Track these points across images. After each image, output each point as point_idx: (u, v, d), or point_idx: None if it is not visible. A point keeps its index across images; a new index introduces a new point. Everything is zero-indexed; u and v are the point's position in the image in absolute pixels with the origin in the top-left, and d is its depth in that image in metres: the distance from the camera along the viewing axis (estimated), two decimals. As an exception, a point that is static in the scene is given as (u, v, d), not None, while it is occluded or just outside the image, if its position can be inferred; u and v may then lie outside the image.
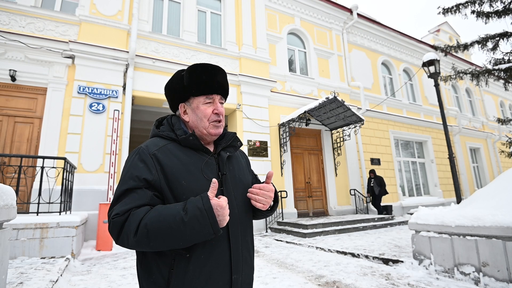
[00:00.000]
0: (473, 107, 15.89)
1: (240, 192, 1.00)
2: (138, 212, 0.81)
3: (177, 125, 1.02)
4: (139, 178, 0.86)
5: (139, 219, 0.80)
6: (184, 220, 0.79)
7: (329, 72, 10.29)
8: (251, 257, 1.02)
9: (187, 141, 0.95)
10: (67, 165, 4.73)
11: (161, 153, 0.91)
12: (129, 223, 0.80)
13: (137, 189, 0.86)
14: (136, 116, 8.49)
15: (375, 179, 9.00)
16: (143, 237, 0.79)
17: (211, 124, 0.99)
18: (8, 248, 1.71)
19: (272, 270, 3.92)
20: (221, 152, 1.01)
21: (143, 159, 0.90)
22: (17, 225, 3.85)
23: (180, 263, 0.85)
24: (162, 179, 0.88)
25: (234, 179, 1.00)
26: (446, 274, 3.34)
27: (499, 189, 3.44)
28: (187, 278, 0.85)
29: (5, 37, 5.72)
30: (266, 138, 8.21)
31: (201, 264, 0.86)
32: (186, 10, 8.01)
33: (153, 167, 0.88)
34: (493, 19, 7.91)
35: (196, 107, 0.99)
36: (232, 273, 0.90)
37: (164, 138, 0.98)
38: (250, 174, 1.15)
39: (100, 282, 3.40)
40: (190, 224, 0.79)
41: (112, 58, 6.58)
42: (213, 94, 0.99)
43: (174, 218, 0.79)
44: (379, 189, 8.74)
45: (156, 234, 0.78)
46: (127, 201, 0.84)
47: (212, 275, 0.87)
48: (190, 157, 0.94)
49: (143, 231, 0.78)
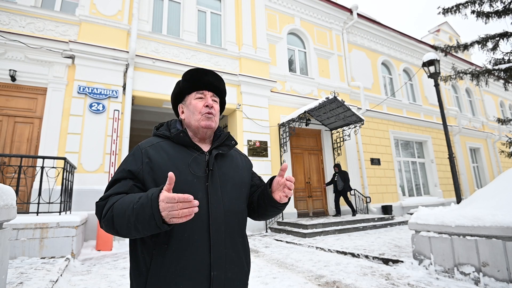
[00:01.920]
0: (473, 107, 15.88)
1: (228, 189, 1.01)
2: (113, 198, 0.89)
3: (174, 125, 1.09)
4: (125, 170, 0.95)
5: (111, 203, 0.87)
6: (134, 207, 0.81)
7: (329, 72, 10.29)
8: (240, 257, 1.00)
9: (178, 138, 1.01)
10: (67, 165, 4.73)
11: (152, 149, 0.98)
12: (106, 207, 0.88)
13: (122, 179, 0.94)
14: (136, 116, 8.50)
15: (339, 174, 8.28)
16: (109, 220, 0.85)
17: (203, 116, 1.03)
18: (8, 248, 1.71)
19: (272, 270, 3.91)
20: (213, 150, 1.04)
21: (133, 153, 0.99)
22: (17, 225, 3.85)
23: (159, 253, 0.88)
24: (146, 171, 0.94)
25: (223, 176, 1.02)
26: (446, 274, 3.34)
27: (499, 189, 3.44)
28: (163, 267, 0.87)
29: (5, 37, 5.72)
30: (266, 138, 8.21)
31: (177, 256, 0.88)
32: (186, 10, 8.01)
33: (139, 160, 0.95)
34: (493, 19, 7.91)
35: (189, 103, 1.07)
36: (211, 269, 0.89)
37: (160, 136, 1.05)
38: (249, 176, 1.15)
39: (100, 282, 3.40)
40: (136, 211, 0.79)
41: (112, 58, 6.57)
42: (203, 90, 1.06)
43: (129, 205, 0.82)
44: (342, 185, 8.12)
45: (117, 217, 0.83)
46: (112, 189, 0.92)
47: (188, 268, 0.88)
48: (179, 153, 0.99)
49: (110, 214, 0.85)
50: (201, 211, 0.91)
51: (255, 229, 7.41)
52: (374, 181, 10.11)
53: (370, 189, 9.87)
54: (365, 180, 9.72)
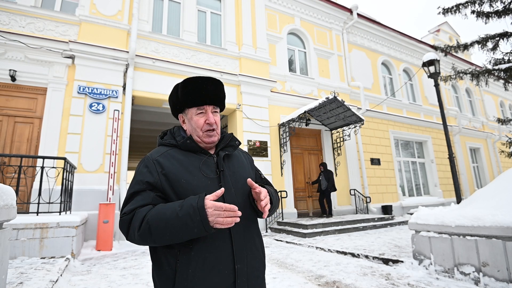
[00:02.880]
0: (473, 107, 15.88)
1: (240, 187, 1.05)
2: (142, 211, 0.92)
3: (178, 133, 1.12)
4: (143, 182, 0.97)
5: (142, 216, 0.90)
6: (178, 215, 0.86)
7: (329, 72, 10.29)
8: (257, 248, 1.06)
9: (185, 145, 1.05)
10: (67, 165, 4.73)
11: (162, 158, 1.01)
12: (134, 221, 0.91)
13: (142, 191, 0.97)
14: (136, 116, 8.49)
15: (324, 173, 8.10)
16: (146, 232, 0.88)
17: (205, 134, 1.06)
18: (8, 248, 1.71)
19: (272, 270, 3.91)
20: (219, 152, 1.08)
21: (146, 165, 1.01)
22: (17, 225, 3.85)
23: (184, 254, 0.92)
24: (163, 181, 0.97)
25: (234, 175, 1.06)
26: (446, 274, 3.34)
27: (499, 189, 3.44)
28: (191, 267, 0.91)
29: (5, 37, 5.72)
30: (266, 138, 8.21)
31: (203, 255, 0.92)
32: (186, 10, 8.01)
33: (154, 171, 0.98)
34: (493, 19, 7.91)
35: (190, 117, 1.08)
36: (235, 263, 0.96)
37: (166, 145, 1.08)
38: (253, 172, 1.20)
39: (100, 282, 3.40)
40: (183, 220, 0.86)
41: (112, 58, 6.57)
42: (204, 105, 1.06)
43: (171, 215, 0.87)
44: (326, 184, 7.98)
45: (156, 228, 0.87)
46: (133, 202, 0.95)
47: (215, 264, 0.93)
48: (189, 158, 1.03)
49: (145, 226, 0.88)
50: None
51: (255, 229, 7.40)
52: (374, 181, 10.11)
53: (370, 189, 9.87)
54: (365, 180, 9.72)
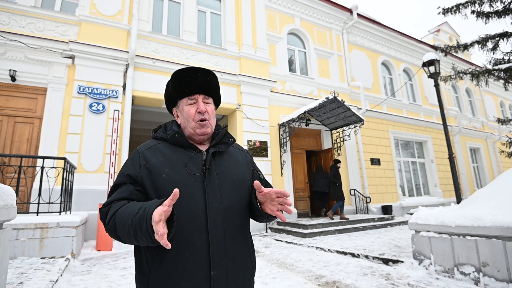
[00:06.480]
0: (473, 107, 15.88)
1: (228, 187, 0.99)
2: (116, 205, 0.90)
3: (170, 126, 1.09)
4: (124, 174, 0.97)
5: (114, 211, 0.89)
6: (133, 219, 0.81)
7: (329, 72, 10.29)
8: (242, 255, 0.98)
9: (174, 139, 1.01)
10: (67, 165, 4.73)
11: (149, 151, 1.00)
12: (109, 214, 0.90)
13: (122, 184, 0.96)
14: (136, 116, 8.49)
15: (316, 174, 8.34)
16: (112, 227, 0.88)
17: (197, 124, 1.02)
18: (8, 248, 1.71)
19: (272, 270, 3.92)
20: (210, 149, 1.03)
21: (132, 157, 1.01)
22: (17, 225, 3.85)
23: (160, 254, 0.89)
24: (144, 174, 0.95)
25: (222, 174, 1.00)
26: (446, 274, 3.34)
27: (499, 189, 3.44)
28: (163, 268, 0.88)
29: (5, 37, 5.72)
30: (266, 138, 8.21)
31: (177, 257, 0.88)
32: (186, 10, 8.01)
33: (137, 164, 0.97)
34: (493, 19, 7.91)
35: (182, 109, 1.05)
36: (211, 268, 0.88)
37: (157, 139, 1.06)
38: (250, 171, 1.12)
39: (100, 282, 3.40)
40: (134, 224, 0.81)
41: (112, 58, 6.57)
42: (194, 94, 1.03)
43: (129, 216, 0.83)
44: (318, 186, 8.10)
45: (119, 227, 0.85)
46: (114, 194, 0.94)
47: (187, 268, 0.87)
48: (176, 153, 0.99)
49: (112, 222, 0.88)
50: (198, 210, 0.91)
51: (255, 229, 7.41)
52: (374, 181, 10.11)
53: (370, 189, 9.86)
54: (365, 180, 9.72)
